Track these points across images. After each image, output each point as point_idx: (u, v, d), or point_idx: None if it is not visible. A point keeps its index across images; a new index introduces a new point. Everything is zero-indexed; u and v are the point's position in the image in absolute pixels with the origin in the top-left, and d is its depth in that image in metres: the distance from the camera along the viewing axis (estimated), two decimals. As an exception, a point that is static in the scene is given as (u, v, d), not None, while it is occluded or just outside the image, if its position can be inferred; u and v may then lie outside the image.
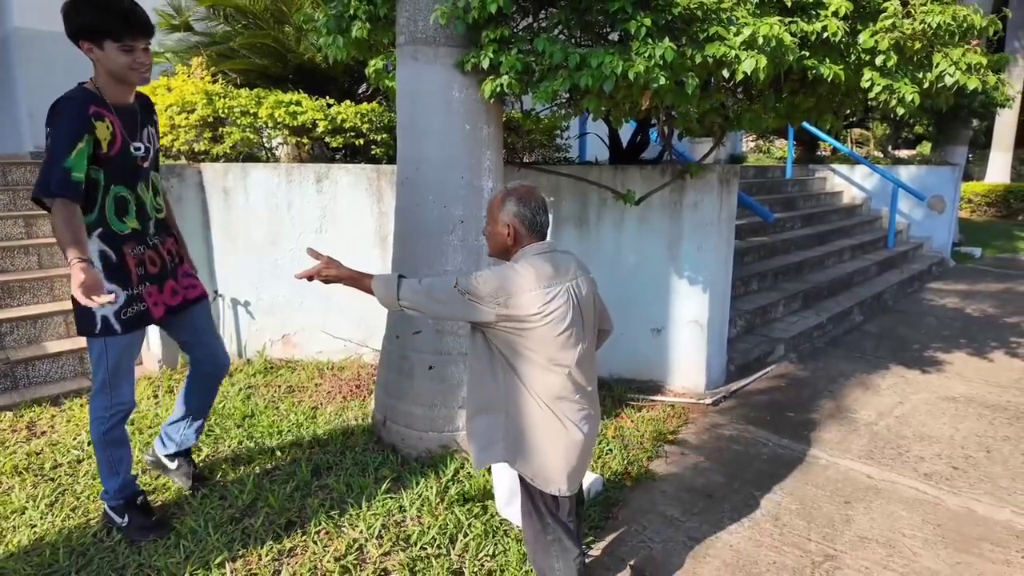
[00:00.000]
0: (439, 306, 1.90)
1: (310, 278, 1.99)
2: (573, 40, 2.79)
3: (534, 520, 2.00)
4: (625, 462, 3.19)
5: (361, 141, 4.22)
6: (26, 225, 4.56)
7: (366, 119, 4.12)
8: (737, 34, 2.45)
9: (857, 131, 14.15)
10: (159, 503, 2.67)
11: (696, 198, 3.94)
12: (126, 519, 2.47)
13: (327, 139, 4.19)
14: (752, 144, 16.10)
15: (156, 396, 3.67)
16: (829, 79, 2.87)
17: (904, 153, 13.22)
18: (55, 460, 2.98)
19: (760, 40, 2.40)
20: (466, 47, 2.77)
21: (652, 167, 4.02)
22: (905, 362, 4.87)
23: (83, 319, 2.24)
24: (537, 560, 2.04)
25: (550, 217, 4.13)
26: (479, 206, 2.98)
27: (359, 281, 1.98)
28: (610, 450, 3.28)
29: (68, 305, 4.20)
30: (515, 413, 1.92)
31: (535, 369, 1.87)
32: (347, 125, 4.08)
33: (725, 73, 2.52)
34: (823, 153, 11.91)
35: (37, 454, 3.04)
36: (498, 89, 2.64)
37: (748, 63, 2.43)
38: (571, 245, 4.16)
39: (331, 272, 1.97)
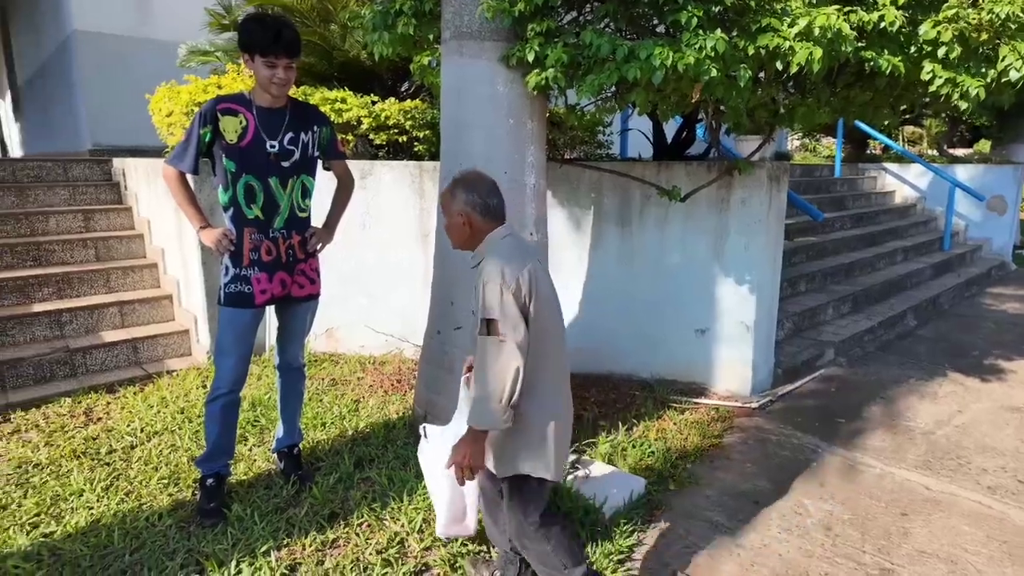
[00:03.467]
0: (501, 344, 1.75)
1: (460, 481, 1.90)
2: (620, 33, 2.74)
3: (519, 515, 1.96)
4: (668, 464, 3.12)
5: (404, 138, 4.25)
6: (85, 219, 4.74)
7: (409, 116, 4.15)
8: (791, 25, 2.37)
9: (909, 129, 13.61)
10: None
11: (744, 195, 3.84)
12: (198, 495, 2.64)
13: (371, 136, 4.24)
14: (797, 142, 15.65)
15: (205, 386, 3.76)
16: (887, 72, 2.75)
17: (960, 151, 12.64)
18: (110, 446, 3.08)
19: (816, 31, 2.30)
20: (511, 41, 2.75)
21: (698, 163, 3.93)
22: (963, 369, 4.65)
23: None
24: (531, 554, 2.00)
25: (591, 213, 4.12)
26: (521, 203, 2.96)
27: (481, 441, 1.84)
28: (652, 452, 3.22)
29: (123, 296, 4.37)
30: (535, 407, 1.88)
31: (543, 347, 1.85)
32: (391, 122, 4.12)
33: (779, 65, 2.44)
34: (874, 151, 11.49)
35: (94, 439, 3.15)
36: (543, 82, 2.61)
37: (802, 54, 2.34)
38: (613, 243, 4.10)
39: (466, 458, 1.84)
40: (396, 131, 4.20)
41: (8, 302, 4.05)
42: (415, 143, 4.31)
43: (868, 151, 11.28)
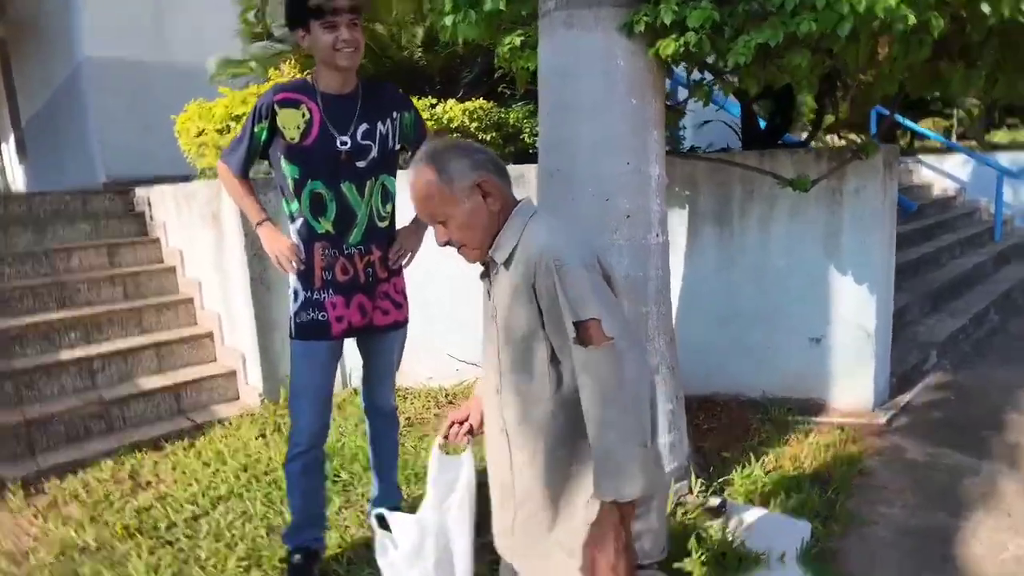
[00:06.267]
0: (619, 352, 1.19)
1: None
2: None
3: None
4: (822, 501, 2.63)
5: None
6: (109, 254, 4.29)
7: (474, 117, 3.73)
8: (999, -42, 1.95)
9: (929, 120, 13.26)
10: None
11: (859, 184, 3.40)
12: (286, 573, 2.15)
13: (430, 142, 3.81)
14: (803, 135, 15.27)
15: (264, 436, 3.26)
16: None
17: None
18: (169, 519, 2.57)
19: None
20: (632, 6, 2.32)
21: (804, 151, 3.51)
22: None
23: None
24: None
25: (685, 213, 3.66)
26: (646, 197, 2.50)
27: (628, 521, 1.20)
28: (798, 486, 2.73)
29: (158, 337, 3.89)
30: None
31: None
32: (454, 124, 3.69)
33: (985, 8, 2.01)
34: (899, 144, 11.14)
35: (147, 510, 2.64)
36: (681, 49, 2.17)
37: (1019, -6, 1.91)
38: (711, 246, 3.65)
39: (619, 561, 1.19)
40: (458, 134, 3.77)
41: (33, 351, 3.56)
42: (479, 147, 3.88)
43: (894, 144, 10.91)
